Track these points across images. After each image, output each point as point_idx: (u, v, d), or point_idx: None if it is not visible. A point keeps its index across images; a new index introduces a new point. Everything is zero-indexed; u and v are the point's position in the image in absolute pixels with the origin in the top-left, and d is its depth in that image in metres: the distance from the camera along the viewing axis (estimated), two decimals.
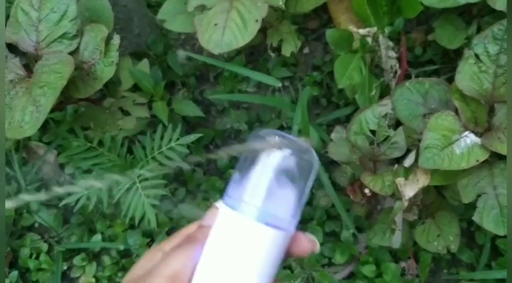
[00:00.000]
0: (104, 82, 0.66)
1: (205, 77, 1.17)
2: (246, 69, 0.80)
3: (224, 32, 0.79)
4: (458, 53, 1.12)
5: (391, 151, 0.74)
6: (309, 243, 0.41)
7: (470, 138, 0.70)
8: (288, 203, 0.38)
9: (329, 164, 1.05)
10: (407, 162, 0.72)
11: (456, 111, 0.73)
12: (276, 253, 0.37)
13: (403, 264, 0.95)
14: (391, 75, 0.96)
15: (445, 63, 1.10)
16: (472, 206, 0.99)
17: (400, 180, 0.72)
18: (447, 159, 0.68)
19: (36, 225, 1.06)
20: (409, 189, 0.72)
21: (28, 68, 0.77)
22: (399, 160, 0.78)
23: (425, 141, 0.69)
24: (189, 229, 0.42)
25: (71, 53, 0.76)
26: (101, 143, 0.94)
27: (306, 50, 1.19)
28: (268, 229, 0.37)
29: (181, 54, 1.18)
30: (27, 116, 0.65)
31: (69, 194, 0.98)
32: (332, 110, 1.10)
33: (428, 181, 0.72)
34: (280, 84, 0.81)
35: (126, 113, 0.86)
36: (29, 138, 1.12)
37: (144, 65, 0.94)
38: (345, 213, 0.89)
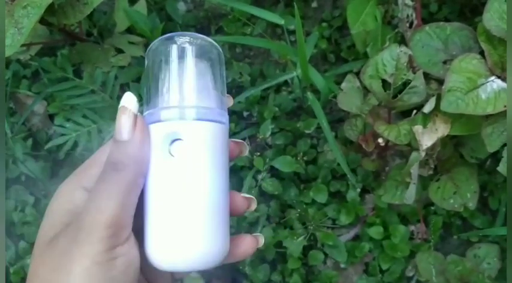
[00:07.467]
0: (94, 6, 0.60)
1: (206, 32, 1.10)
2: (251, 6, 0.73)
3: None
4: (474, 13, 1.06)
5: (409, 97, 0.67)
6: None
7: (497, 83, 0.64)
8: (213, 94, 0.35)
9: (335, 122, 0.99)
10: (427, 107, 0.66)
11: (481, 55, 0.67)
12: (225, 146, 0.35)
13: (411, 228, 0.90)
14: (407, 25, 0.89)
15: (460, 22, 1.04)
16: (486, 169, 0.95)
17: (417, 128, 0.66)
18: (472, 104, 0.62)
19: (23, 177, 0.99)
20: (427, 138, 0.66)
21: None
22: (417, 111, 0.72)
23: (448, 84, 0.63)
24: (103, 151, 0.34)
25: None
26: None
27: (314, 4, 1.12)
28: (213, 124, 0.34)
29: (182, 6, 1.12)
30: (8, 38, 0.58)
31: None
32: (341, 65, 1.03)
33: (448, 130, 0.66)
34: (283, 22, 0.74)
35: (119, 51, 0.79)
36: (17, 87, 1.05)
37: (141, 6, 0.87)
38: (350, 171, 0.83)
